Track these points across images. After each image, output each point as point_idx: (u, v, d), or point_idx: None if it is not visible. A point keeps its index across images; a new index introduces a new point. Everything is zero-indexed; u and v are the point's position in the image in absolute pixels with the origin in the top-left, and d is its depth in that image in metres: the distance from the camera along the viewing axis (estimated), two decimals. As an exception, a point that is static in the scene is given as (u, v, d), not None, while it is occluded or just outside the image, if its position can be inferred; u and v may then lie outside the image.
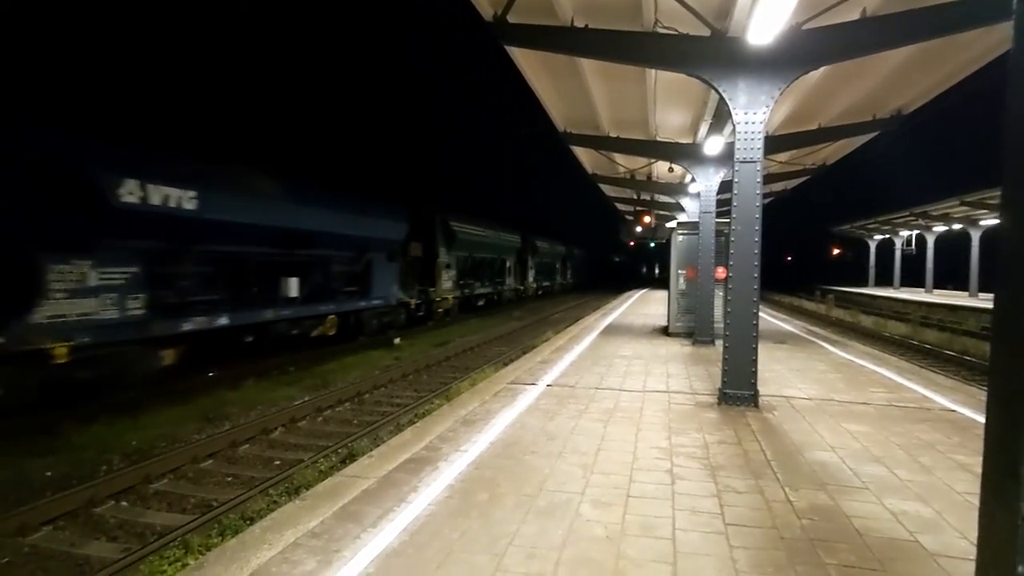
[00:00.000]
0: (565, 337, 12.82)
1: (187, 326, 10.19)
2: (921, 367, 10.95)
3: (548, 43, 7.15)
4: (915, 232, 34.42)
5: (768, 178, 13.54)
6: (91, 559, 4.71)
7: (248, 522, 4.95)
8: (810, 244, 70.26)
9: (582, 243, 59.00)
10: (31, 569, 4.61)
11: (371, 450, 5.19)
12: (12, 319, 7.58)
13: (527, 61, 8.52)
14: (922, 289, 33.69)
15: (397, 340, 16.61)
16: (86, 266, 8.47)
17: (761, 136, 6.23)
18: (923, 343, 17.82)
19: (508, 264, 31.86)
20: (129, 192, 8.85)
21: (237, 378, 11.02)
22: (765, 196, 8.39)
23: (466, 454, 4.69)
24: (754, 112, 6.22)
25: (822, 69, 7.21)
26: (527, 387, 7.29)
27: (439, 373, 12.71)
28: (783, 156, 12.87)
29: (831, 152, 13.76)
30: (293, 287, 13.10)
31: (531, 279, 36.60)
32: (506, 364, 11.48)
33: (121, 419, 8.23)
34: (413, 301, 19.53)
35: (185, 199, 9.81)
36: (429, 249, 20.88)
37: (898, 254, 37.76)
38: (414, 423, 6.76)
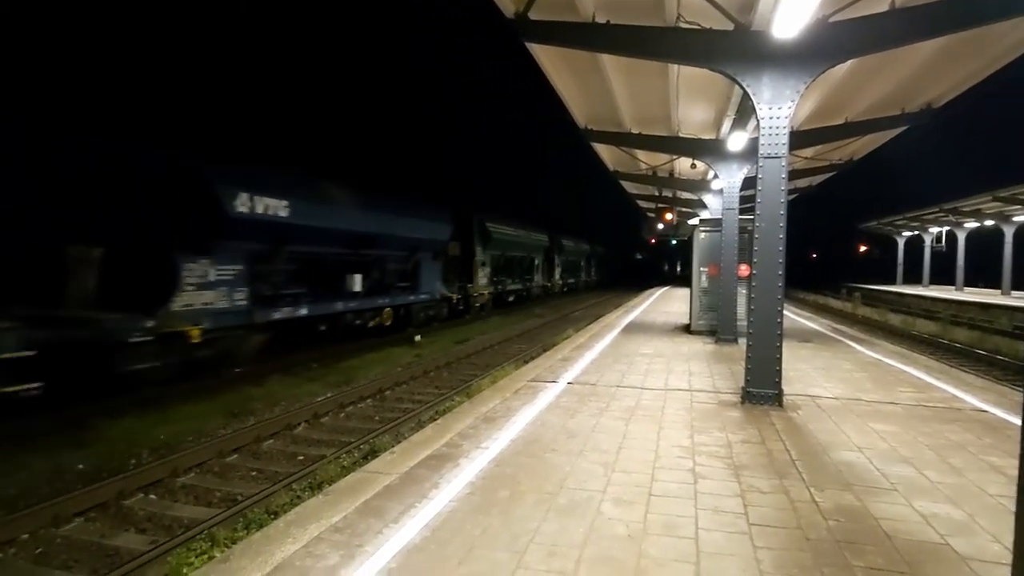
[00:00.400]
0: (586, 335, 12.78)
1: (277, 315, 11.89)
2: (951, 366, 10.71)
3: (569, 39, 7.12)
4: (945, 228, 33.63)
5: (793, 174, 13.33)
6: (121, 550, 4.82)
7: (272, 516, 5.03)
8: (836, 241, 69.14)
9: (604, 241, 58.92)
10: (64, 559, 4.73)
11: (393, 446, 5.22)
12: (158, 306, 9.35)
13: (548, 58, 8.49)
14: (952, 287, 32.90)
15: (418, 338, 16.71)
16: (207, 264, 10.24)
17: (786, 131, 6.13)
18: (953, 342, 17.41)
19: (537, 262, 33.37)
20: (240, 203, 10.59)
21: (261, 374, 11.19)
22: (790, 192, 8.23)
23: (487, 451, 4.70)
24: (779, 107, 6.12)
25: (849, 62, 7.06)
26: (548, 385, 7.28)
27: (460, 370, 12.76)
28: (808, 151, 12.67)
29: (858, 147, 13.49)
30: (357, 283, 14.81)
31: (558, 276, 38.02)
32: (527, 362, 11.48)
33: (150, 413, 8.40)
34: (455, 296, 21.32)
35: (280, 208, 11.54)
36: (467, 248, 22.61)
37: (927, 251, 36.94)
38: (435, 420, 6.79)
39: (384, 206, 15.88)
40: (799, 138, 10.19)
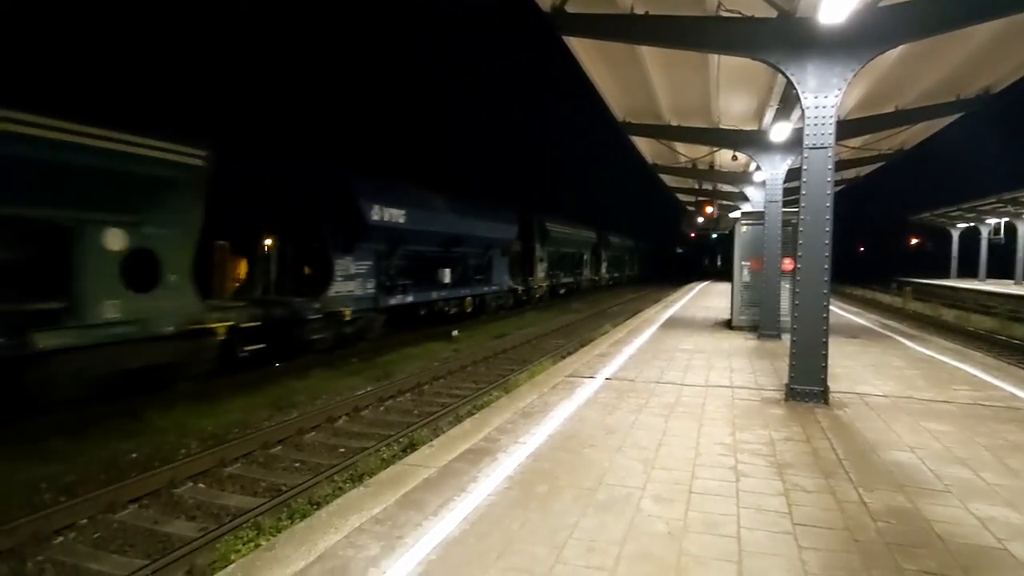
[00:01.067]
0: (624, 330, 12.66)
1: (393, 301, 15.12)
2: (1010, 363, 10.21)
3: (608, 32, 7.04)
4: (1003, 220, 32.05)
5: (839, 165, 12.92)
6: (172, 536, 5.01)
7: (315, 506, 5.15)
8: (885, 233, 66.75)
9: (643, 235, 58.50)
10: (120, 544, 4.95)
11: (431, 440, 5.28)
12: (321, 292, 12.52)
13: (585, 51, 8.42)
14: (1011, 281, 31.38)
15: (455, 333, 16.86)
16: (350, 261, 13.39)
17: (832, 121, 5.93)
18: (1012, 338, 16.59)
19: (586, 257, 36.09)
20: (374, 213, 13.58)
21: (304, 368, 11.45)
22: (836, 184, 7.96)
23: (525, 446, 4.71)
24: (824, 96, 5.93)
25: (900, 47, 6.78)
26: (585, 380, 7.24)
27: (497, 365, 12.81)
28: (856, 141, 12.25)
29: (909, 136, 12.97)
30: (447, 276, 17.97)
31: (604, 271, 40.59)
32: (564, 357, 11.45)
33: (199, 406, 8.69)
34: (519, 288, 24.50)
35: (399, 216, 14.54)
36: (527, 245, 25.43)
37: (984, 243, 35.24)
38: (473, 414, 6.83)
39: (468, 210, 18.71)
40: (846, 128, 9.87)
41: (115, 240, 8.09)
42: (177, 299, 9.02)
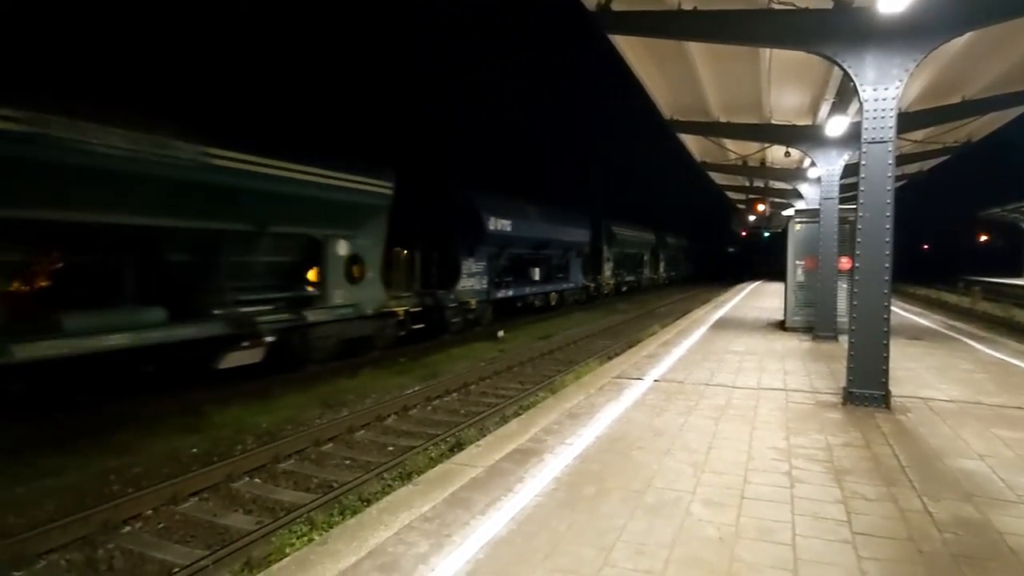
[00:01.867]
0: (673, 331, 12.45)
1: (499, 295, 18.77)
2: (1091, 368, 9.56)
3: (655, 29, 6.94)
4: (1084, 215, 30.03)
5: (900, 159, 12.37)
6: (230, 529, 5.20)
7: (365, 503, 5.25)
8: (951, 230, 63.44)
9: (693, 234, 57.84)
10: (182, 535, 5.17)
11: (478, 439, 5.31)
12: (453, 286, 16.11)
13: (631, 49, 8.32)
14: (1091, 280, 29.35)
15: (501, 333, 16.94)
16: (472, 261, 16.99)
17: (892, 114, 5.69)
18: (1093, 341, 15.54)
19: (645, 257, 39.06)
20: (491, 223, 17.40)
21: (354, 367, 11.71)
22: (897, 179, 7.62)
23: (571, 447, 4.68)
24: (884, 88, 5.69)
25: (967, 35, 6.44)
26: (633, 382, 7.16)
27: (543, 366, 12.79)
28: (918, 134, 11.68)
29: (977, 128, 12.28)
30: (537, 274, 22.00)
31: (662, 270, 43.37)
32: (611, 358, 11.35)
33: (254, 403, 8.99)
34: (591, 285, 27.85)
35: (507, 224, 18.26)
36: (596, 246, 28.03)
37: (1061, 240, 33.12)
38: (519, 415, 6.85)
39: (553, 217, 22.16)
40: (908, 120, 9.44)
41: (343, 248, 11.65)
42: (374, 290, 12.58)
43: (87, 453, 6.80)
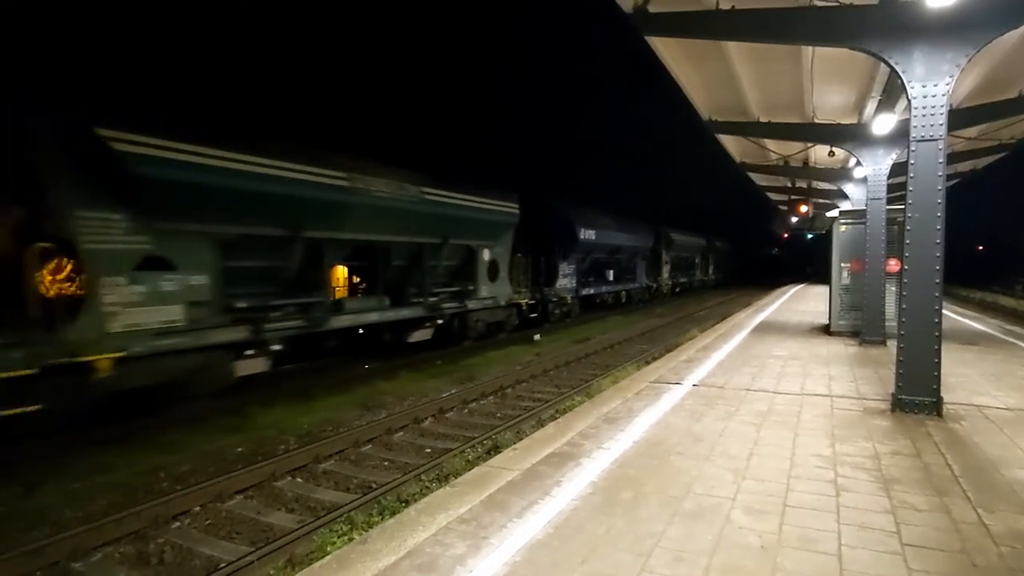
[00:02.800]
0: (712, 335, 12.24)
1: (584, 292, 22.44)
2: None
3: (692, 30, 6.87)
4: None
5: (952, 157, 11.92)
6: (274, 527, 5.33)
7: (404, 504, 5.31)
8: (1007, 231, 60.62)
9: (734, 237, 57.10)
10: (228, 531, 5.32)
11: (515, 443, 5.32)
12: (553, 285, 19.69)
13: (668, 50, 8.24)
14: None
15: (537, 336, 16.94)
16: (566, 264, 20.53)
17: (943, 110, 5.49)
18: None
19: (697, 260, 41.95)
20: (582, 233, 20.68)
21: (392, 369, 11.87)
22: (948, 177, 7.35)
23: (609, 451, 4.65)
24: (934, 84, 5.49)
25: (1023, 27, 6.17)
26: (672, 386, 7.07)
27: (579, 370, 12.73)
28: (971, 131, 11.21)
29: (1035, 123, 11.75)
30: (610, 275, 25.74)
31: (711, 272, 46.28)
32: (648, 362, 11.22)
33: (295, 404, 9.21)
34: (653, 285, 31.36)
35: (592, 233, 21.55)
36: (655, 250, 31.28)
37: None
38: (556, 418, 6.83)
39: (624, 225, 25.70)
40: (959, 117, 9.10)
41: (486, 254, 15.43)
42: (505, 286, 16.45)
43: (139, 451, 7.07)
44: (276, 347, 9.68)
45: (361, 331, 11.89)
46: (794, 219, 27.15)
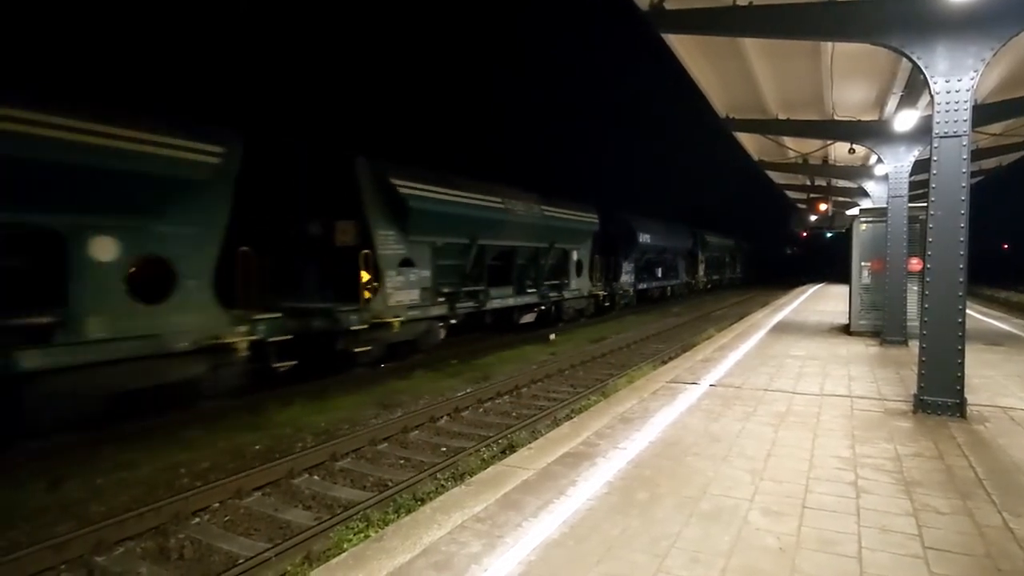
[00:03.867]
0: (729, 335, 12.13)
1: (640, 286, 26.86)
2: None
3: (710, 27, 6.79)
4: None
5: (977, 154, 11.70)
6: (291, 524, 5.38)
7: (419, 502, 5.34)
8: (1034, 229, 59.29)
9: (751, 236, 56.86)
10: (246, 528, 5.39)
11: (530, 442, 5.31)
12: (616, 281, 24.12)
13: (684, 48, 8.18)
14: None
15: (552, 336, 16.92)
16: (627, 263, 25.04)
17: (967, 106, 5.38)
18: None
19: (727, 260, 45.92)
20: (641, 237, 25.25)
21: (407, 369, 11.92)
22: (973, 175, 7.20)
23: (625, 452, 4.63)
24: (958, 79, 5.39)
25: (1051, 19, 6.03)
26: (688, 386, 7.01)
27: (595, 369, 12.68)
28: (996, 127, 11.01)
29: (1062, 118, 11.47)
30: (659, 272, 30.08)
31: (738, 271, 50.39)
32: (664, 362, 11.15)
33: (313, 403, 9.29)
34: (691, 282, 35.76)
35: (648, 236, 26.07)
36: (693, 251, 35.26)
37: None
38: (571, 418, 6.82)
39: (670, 228, 30.39)
40: (984, 112, 8.90)
41: (575, 255, 19.73)
42: (587, 281, 20.79)
43: (159, 448, 7.18)
44: (453, 321, 13.93)
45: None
46: (813, 217, 26.77)
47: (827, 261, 50.61)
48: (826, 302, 20.88)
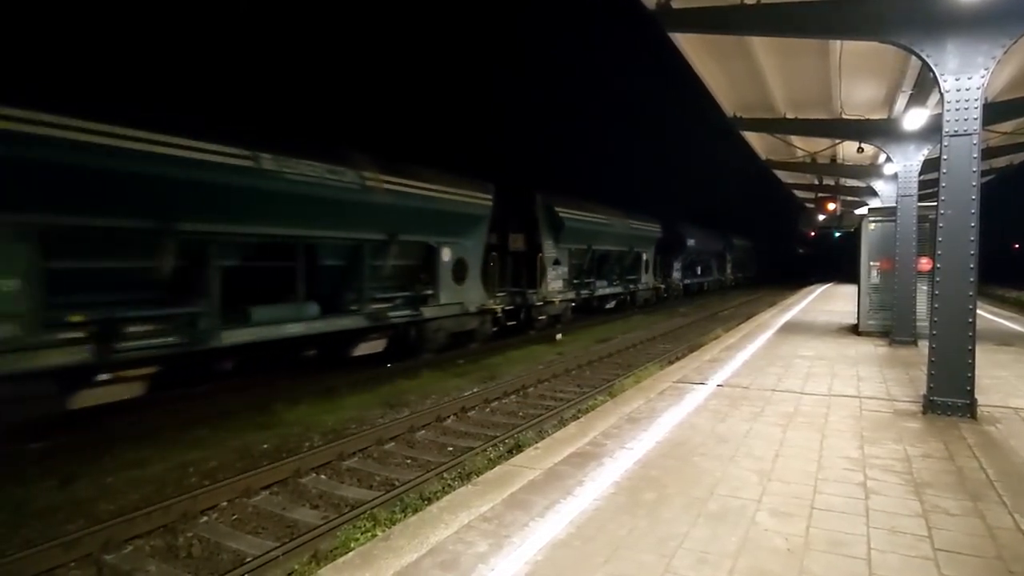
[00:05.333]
0: (737, 335, 12.09)
1: (687, 282, 33.17)
2: None
3: (717, 25, 6.78)
4: None
5: (987, 152, 11.60)
6: (299, 523, 5.40)
7: (426, 502, 5.33)
8: (1045, 229, 58.66)
9: (759, 235, 57.16)
10: (254, 526, 5.41)
11: (537, 442, 5.30)
12: (669, 277, 30.48)
13: (691, 47, 8.15)
14: None
15: (559, 336, 16.91)
16: (675, 262, 31.10)
17: (977, 104, 5.34)
18: None
19: (746, 260, 50.09)
20: (688, 241, 31.41)
21: (414, 368, 11.94)
22: (984, 174, 7.11)
23: (632, 452, 4.62)
24: (968, 77, 5.35)
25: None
26: (695, 386, 6.99)
27: (602, 369, 12.67)
28: (1007, 126, 10.92)
29: (1075, 116, 11.36)
30: (699, 271, 35.49)
31: (755, 268, 54.15)
32: (672, 362, 11.12)
33: (320, 402, 9.32)
34: (722, 279, 41.49)
35: (692, 240, 31.93)
36: (722, 253, 40.89)
37: None
38: (578, 418, 6.79)
39: (707, 233, 35.76)
40: (995, 111, 8.82)
41: (646, 256, 25.70)
42: (651, 277, 26.60)
43: (169, 446, 7.22)
44: (573, 303, 19.71)
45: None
46: (821, 217, 26.64)
47: (835, 261, 50.36)
48: (834, 302, 20.77)
